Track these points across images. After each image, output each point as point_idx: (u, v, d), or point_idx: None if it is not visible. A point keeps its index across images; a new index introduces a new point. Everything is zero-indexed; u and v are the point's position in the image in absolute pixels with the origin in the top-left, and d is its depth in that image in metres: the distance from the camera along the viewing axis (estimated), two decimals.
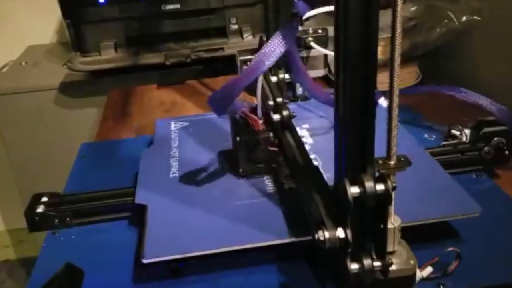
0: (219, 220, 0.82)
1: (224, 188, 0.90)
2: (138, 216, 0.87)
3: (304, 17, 0.82)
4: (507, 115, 0.97)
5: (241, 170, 0.93)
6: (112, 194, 0.93)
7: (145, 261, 0.74)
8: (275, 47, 0.73)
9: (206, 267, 0.78)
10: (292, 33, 0.77)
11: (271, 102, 0.95)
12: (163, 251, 0.76)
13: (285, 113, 0.92)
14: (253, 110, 0.92)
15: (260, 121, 0.92)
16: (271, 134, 0.92)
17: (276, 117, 0.92)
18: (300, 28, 0.81)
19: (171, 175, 0.95)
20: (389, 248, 0.65)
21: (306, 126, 1.06)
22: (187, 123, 1.13)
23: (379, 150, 0.62)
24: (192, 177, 0.94)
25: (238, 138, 0.92)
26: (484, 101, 0.98)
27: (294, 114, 0.94)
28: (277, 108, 0.94)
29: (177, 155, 1.01)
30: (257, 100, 0.92)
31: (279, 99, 0.95)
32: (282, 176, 0.92)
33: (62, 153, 1.37)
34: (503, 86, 1.23)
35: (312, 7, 0.96)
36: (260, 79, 0.91)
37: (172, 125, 1.13)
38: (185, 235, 0.79)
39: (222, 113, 0.80)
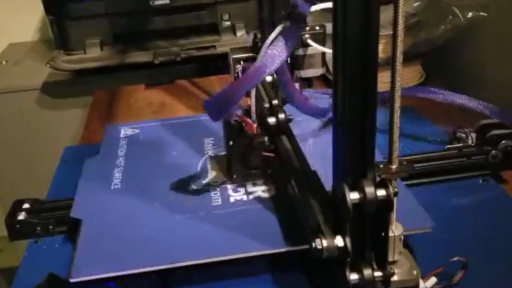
0: (160, 233, 0.82)
1: (168, 201, 0.89)
2: None
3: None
4: (498, 113, 0.97)
5: (234, 176, 0.93)
6: None
7: (72, 280, 0.74)
8: (279, 51, 0.72)
9: (197, 278, 0.78)
10: (295, 36, 0.75)
11: (266, 105, 0.95)
12: (93, 270, 0.75)
13: (281, 116, 0.92)
14: (247, 112, 0.92)
15: (255, 125, 0.92)
16: (266, 139, 0.91)
17: (271, 120, 0.92)
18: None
19: (112, 187, 0.94)
20: (390, 258, 0.65)
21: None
22: (137, 130, 1.13)
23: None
24: (136, 189, 0.93)
25: (231, 143, 0.91)
26: (463, 100, 0.98)
27: (291, 117, 0.94)
28: (273, 111, 0.93)
29: (122, 165, 1.01)
30: (251, 103, 0.92)
31: (275, 101, 0.94)
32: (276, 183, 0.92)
33: (45, 157, 1.37)
34: (510, 85, 1.23)
35: (312, 4, 0.96)
36: (254, 91, 0.92)
37: (122, 132, 1.13)
38: (121, 251, 0.79)
39: (217, 119, 0.79)
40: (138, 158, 1.02)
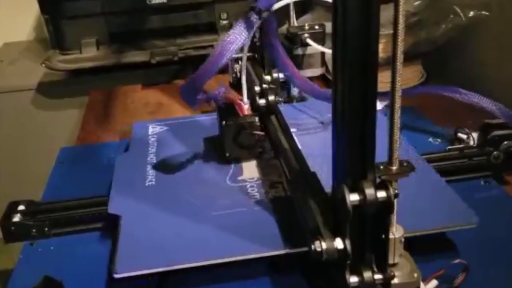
0: (199, 231, 0.82)
1: (206, 197, 0.90)
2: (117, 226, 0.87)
3: (273, 9, 0.87)
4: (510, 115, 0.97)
5: (227, 154, 0.98)
6: (93, 202, 0.92)
7: (117, 276, 0.74)
8: (236, 36, 0.79)
9: (192, 281, 0.78)
10: (252, 25, 0.82)
11: (257, 88, 1.02)
12: (137, 265, 0.76)
13: (270, 98, 1.00)
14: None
15: (246, 106, 0.98)
16: (257, 119, 0.97)
17: (261, 102, 1.00)
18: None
19: (147, 183, 0.95)
20: (390, 260, 0.65)
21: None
22: (166, 127, 1.14)
23: (380, 155, 0.62)
24: (170, 186, 0.94)
25: (223, 123, 0.96)
26: (484, 102, 0.99)
27: (280, 99, 1.02)
28: (263, 93, 1.01)
29: (154, 161, 1.01)
30: (242, 85, 0.98)
31: (265, 85, 1.02)
32: (267, 161, 0.98)
33: (40, 158, 1.36)
34: None
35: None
36: (245, 65, 0.96)
37: (150, 129, 1.13)
38: (161, 247, 0.79)
39: (194, 104, 0.87)
40: (169, 155, 1.03)
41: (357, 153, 0.61)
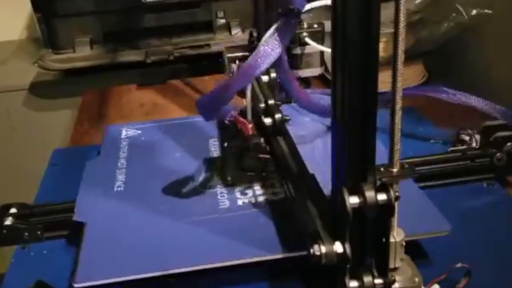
0: (166, 239, 0.82)
1: (177, 203, 0.90)
2: None
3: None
4: (507, 115, 0.97)
5: (229, 178, 0.93)
6: None
7: (76, 285, 0.74)
8: (272, 47, 0.72)
9: (192, 284, 0.78)
10: (289, 32, 0.75)
11: (262, 105, 0.95)
12: (97, 275, 0.75)
13: (277, 116, 0.92)
14: (242, 113, 0.92)
15: (250, 126, 0.92)
16: (262, 140, 0.91)
17: (267, 120, 0.93)
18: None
19: (115, 189, 0.94)
20: (391, 264, 0.65)
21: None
22: (139, 131, 1.13)
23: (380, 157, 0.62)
24: (140, 192, 0.94)
25: (225, 144, 0.92)
26: (473, 100, 0.98)
27: (287, 117, 0.94)
28: (269, 111, 0.93)
29: (125, 166, 1.01)
30: (246, 102, 0.92)
31: (271, 101, 0.94)
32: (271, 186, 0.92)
33: (33, 160, 1.36)
34: None
35: (309, 1, 0.95)
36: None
37: (123, 133, 1.13)
38: (124, 256, 0.79)
39: (210, 118, 0.81)
40: (140, 160, 1.03)
41: (357, 155, 0.61)
